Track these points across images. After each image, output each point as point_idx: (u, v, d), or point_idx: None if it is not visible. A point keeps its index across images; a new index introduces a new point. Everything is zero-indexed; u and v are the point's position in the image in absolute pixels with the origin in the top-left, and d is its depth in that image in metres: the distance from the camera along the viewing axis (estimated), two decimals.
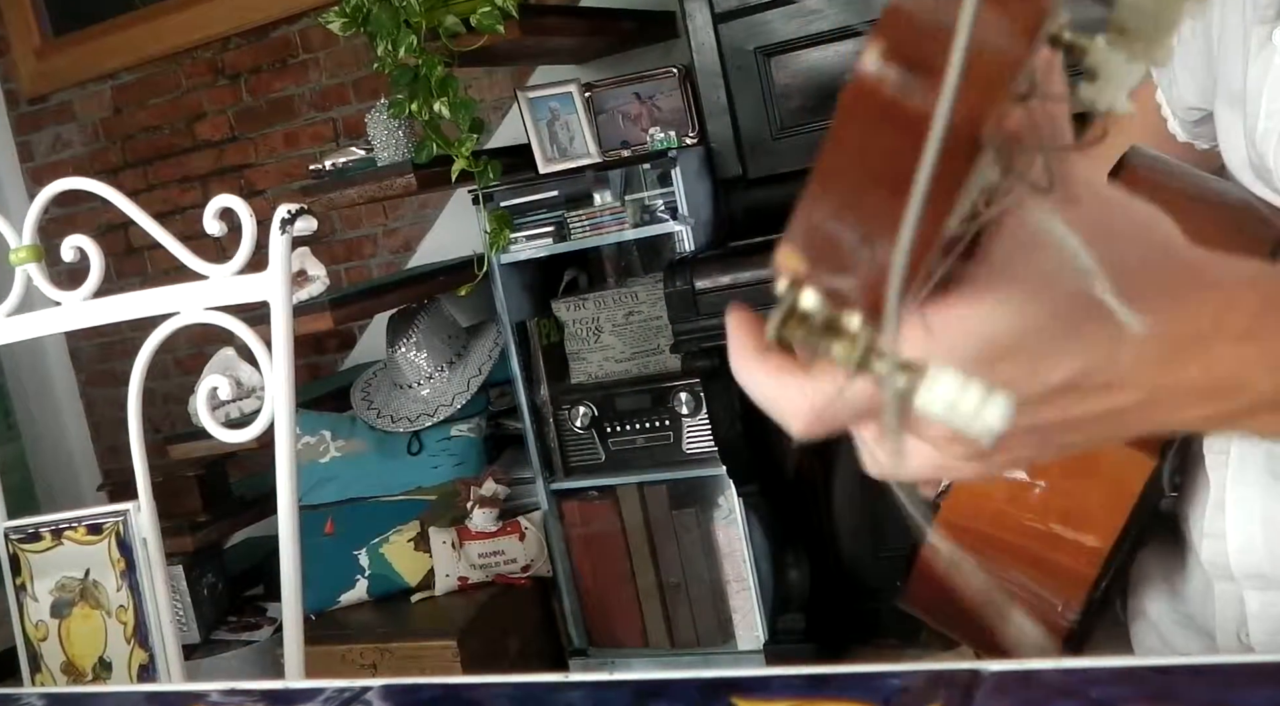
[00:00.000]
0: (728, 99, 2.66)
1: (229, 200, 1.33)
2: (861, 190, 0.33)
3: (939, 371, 0.35)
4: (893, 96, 0.33)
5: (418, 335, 2.85)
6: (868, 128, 0.33)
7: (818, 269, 0.34)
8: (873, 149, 0.33)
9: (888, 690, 0.56)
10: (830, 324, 0.35)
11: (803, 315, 0.35)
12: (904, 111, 0.33)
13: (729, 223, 2.63)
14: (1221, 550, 0.78)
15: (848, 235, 0.34)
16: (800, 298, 0.35)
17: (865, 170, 0.33)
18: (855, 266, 0.34)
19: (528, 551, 2.77)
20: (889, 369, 0.35)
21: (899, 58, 0.33)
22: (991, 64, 0.33)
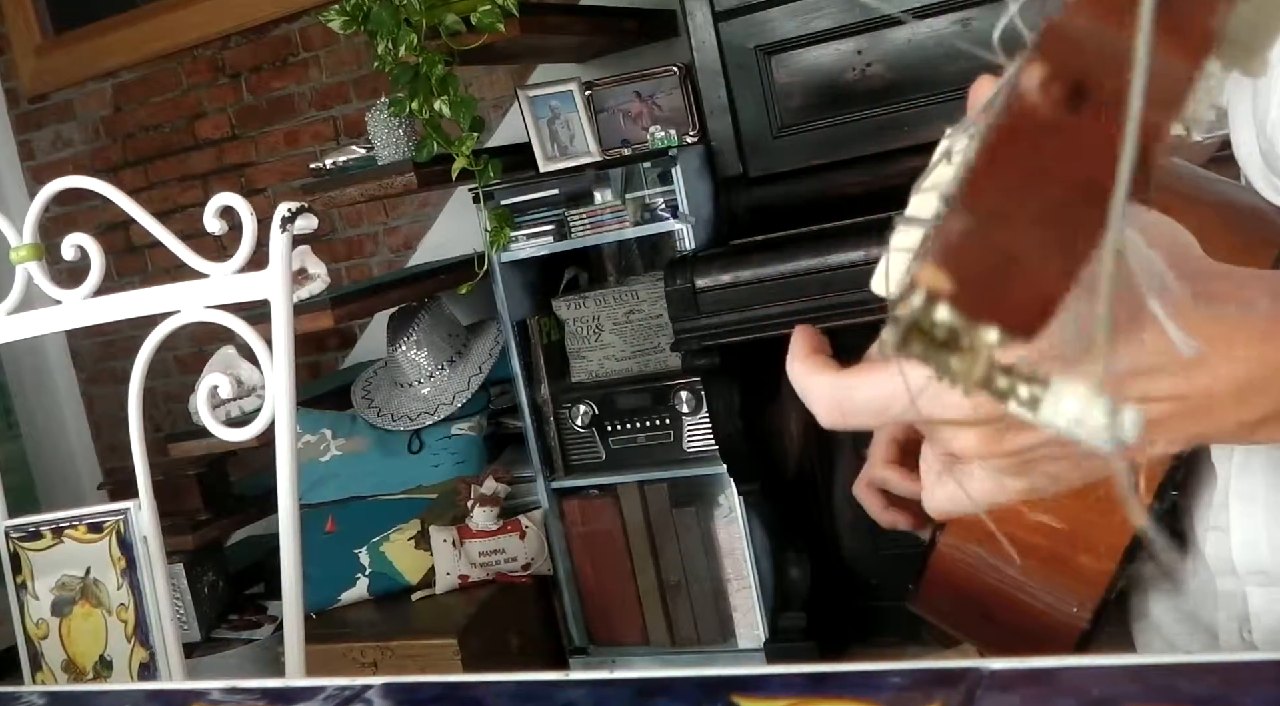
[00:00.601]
0: (728, 97, 2.66)
1: (229, 198, 1.33)
2: (1020, 211, 0.33)
3: (1063, 385, 0.35)
4: (1059, 119, 0.33)
5: (418, 333, 2.85)
6: (1028, 150, 0.33)
7: (966, 286, 0.34)
8: (1033, 172, 0.33)
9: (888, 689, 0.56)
10: (954, 338, 0.35)
11: (926, 330, 0.35)
12: (1071, 134, 0.33)
13: (729, 221, 2.63)
14: (1225, 545, 0.78)
15: (1001, 254, 0.34)
16: (935, 312, 0.35)
17: (1024, 192, 0.33)
18: (1005, 284, 0.34)
19: (528, 550, 2.77)
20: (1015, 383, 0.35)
21: (1064, 79, 0.33)
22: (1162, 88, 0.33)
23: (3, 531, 1.47)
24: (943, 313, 0.34)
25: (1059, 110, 0.33)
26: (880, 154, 2.47)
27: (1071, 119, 0.33)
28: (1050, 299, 0.34)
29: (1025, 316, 0.34)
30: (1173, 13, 0.33)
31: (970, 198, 0.34)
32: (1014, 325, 0.34)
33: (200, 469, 2.88)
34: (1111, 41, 0.33)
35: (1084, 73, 0.33)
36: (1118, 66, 0.32)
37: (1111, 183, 0.33)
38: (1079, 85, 0.33)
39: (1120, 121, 0.32)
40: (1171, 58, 0.33)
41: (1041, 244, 0.34)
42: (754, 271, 2.34)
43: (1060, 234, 0.33)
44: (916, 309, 0.35)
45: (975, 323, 0.34)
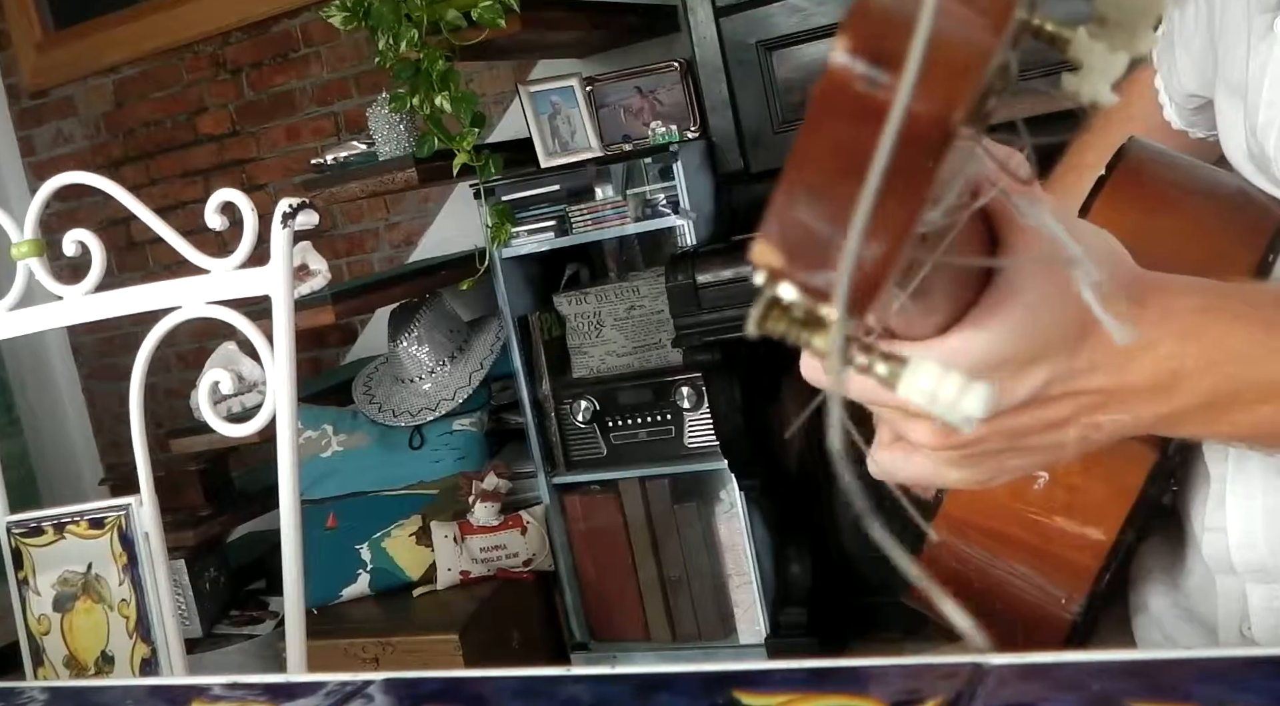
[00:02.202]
0: (729, 93, 2.65)
1: (230, 194, 1.33)
2: (833, 183, 0.33)
3: (920, 362, 0.35)
4: (860, 89, 0.33)
5: (419, 329, 2.85)
6: (837, 121, 0.33)
7: (794, 263, 0.34)
8: (842, 142, 0.33)
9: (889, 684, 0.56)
10: (810, 315, 0.35)
11: (783, 307, 0.35)
12: (872, 104, 0.33)
13: (731, 217, 2.63)
14: (1222, 544, 0.78)
15: (821, 228, 0.34)
16: (778, 290, 0.35)
17: (836, 164, 0.33)
18: (830, 260, 0.34)
19: (529, 545, 2.77)
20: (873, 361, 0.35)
21: (866, 51, 0.33)
22: (959, 56, 0.33)
23: (4, 527, 1.47)
24: (785, 289, 0.35)
25: (862, 82, 0.33)
26: None
27: (874, 90, 0.33)
28: (874, 275, 0.34)
29: (857, 289, 0.34)
30: None
31: (792, 172, 0.34)
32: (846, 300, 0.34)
33: (201, 464, 2.88)
34: (912, 11, 0.33)
35: (884, 44, 0.33)
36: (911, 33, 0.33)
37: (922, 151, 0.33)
38: (879, 56, 0.33)
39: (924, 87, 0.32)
40: (969, 20, 0.33)
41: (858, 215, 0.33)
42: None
43: (880, 207, 0.33)
44: (762, 286, 0.35)
45: (814, 300, 0.34)
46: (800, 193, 0.34)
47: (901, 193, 0.33)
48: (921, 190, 0.33)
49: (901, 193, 0.33)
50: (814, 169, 0.34)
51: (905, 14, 0.33)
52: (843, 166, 0.33)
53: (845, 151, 0.33)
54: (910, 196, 0.33)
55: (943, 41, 0.33)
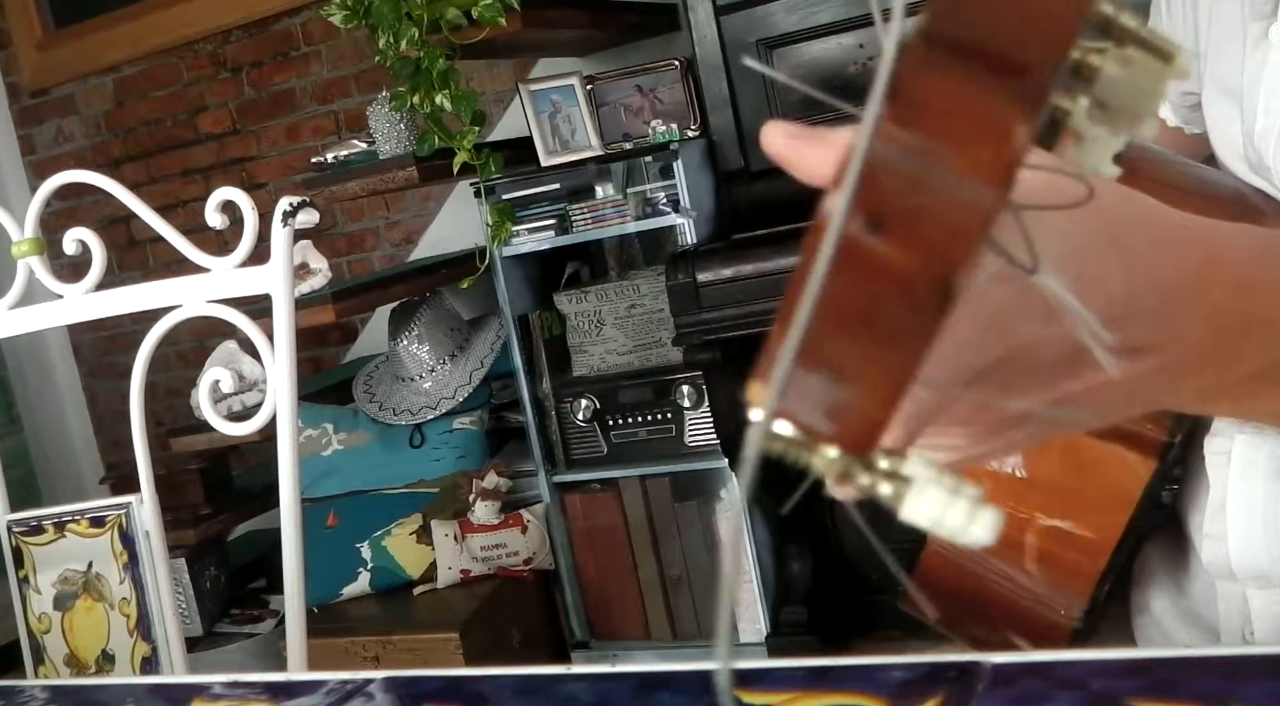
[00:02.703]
0: (730, 91, 2.65)
1: (231, 193, 1.33)
2: (830, 333, 0.34)
3: (925, 486, 0.35)
4: (862, 245, 0.33)
5: (420, 328, 2.85)
6: (835, 271, 0.33)
7: (792, 406, 0.34)
8: (843, 296, 0.33)
9: (890, 682, 0.56)
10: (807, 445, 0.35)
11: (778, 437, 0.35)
12: (874, 260, 0.33)
13: (731, 215, 2.63)
14: (1222, 551, 0.78)
15: (820, 376, 0.34)
16: (774, 425, 0.35)
17: (831, 313, 0.33)
18: (830, 407, 0.34)
19: (530, 544, 2.77)
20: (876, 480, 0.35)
21: (865, 206, 0.33)
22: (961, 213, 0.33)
23: (5, 525, 1.47)
24: (782, 426, 0.34)
25: (862, 235, 0.33)
26: None
27: (874, 243, 0.33)
28: (876, 419, 0.34)
29: (853, 436, 0.34)
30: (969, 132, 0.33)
31: (787, 318, 0.34)
32: (844, 443, 0.34)
33: (202, 463, 2.88)
34: (908, 162, 0.33)
35: (883, 199, 0.33)
36: (917, 191, 0.32)
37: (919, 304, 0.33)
38: (878, 210, 0.33)
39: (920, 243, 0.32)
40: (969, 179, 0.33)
41: (858, 367, 0.33)
42: (755, 265, 2.34)
43: (875, 355, 0.33)
44: (757, 424, 0.35)
45: (812, 440, 0.34)
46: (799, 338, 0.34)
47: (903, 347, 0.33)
48: (921, 346, 0.33)
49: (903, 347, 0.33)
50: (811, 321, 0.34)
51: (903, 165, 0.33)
52: (837, 316, 0.33)
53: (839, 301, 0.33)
54: (912, 353, 0.33)
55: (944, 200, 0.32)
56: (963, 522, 0.34)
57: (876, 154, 0.33)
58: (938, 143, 0.33)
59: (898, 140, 0.33)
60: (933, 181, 0.33)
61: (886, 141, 0.33)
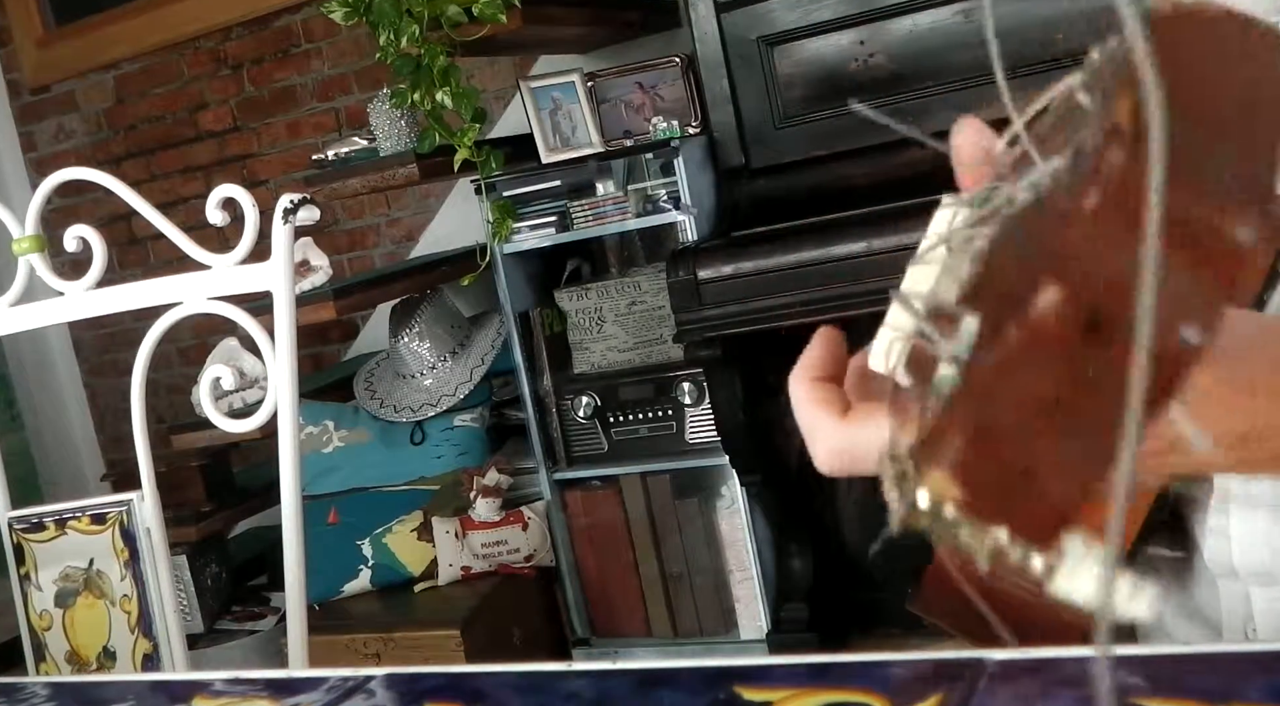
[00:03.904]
0: (730, 88, 2.65)
1: (231, 190, 1.33)
2: (1031, 429, 0.33)
3: (1079, 560, 0.34)
4: (1074, 344, 0.32)
5: (420, 325, 2.85)
6: (1042, 370, 0.33)
7: (975, 497, 0.34)
8: (1047, 392, 0.33)
9: (890, 679, 0.56)
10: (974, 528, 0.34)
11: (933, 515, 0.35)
12: (1088, 359, 0.32)
13: (732, 212, 2.63)
14: (1225, 548, 0.78)
15: (1011, 469, 0.33)
16: (942, 510, 0.34)
17: (1036, 411, 0.33)
18: (1016, 498, 0.34)
19: (531, 541, 2.77)
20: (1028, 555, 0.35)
21: (1082, 306, 0.32)
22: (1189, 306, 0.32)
23: (6, 523, 1.47)
24: (951, 511, 0.34)
25: (1075, 335, 0.32)
26: (882, 145, 2.46)
27: (1089, 345, 0.32)
28: (1065, 514, 0.33)
29: (1039, 527, 0.34)
30: (1189, 225, 0.32)
31: (980, 408, 0.33)
32: (1026, 534, 0.34)
33: (203, 460, 2.88)
34: (1130, 264, 0.31)
35: (1102, 299, 0.32)
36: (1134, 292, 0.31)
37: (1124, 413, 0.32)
38: (1097, 312, 0.32)
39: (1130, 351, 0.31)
40: (1195, 274, 0.32)
41: (1057, 463, 0.33)
42: (756, 263, 2.34)
43: (1077, 454, 0.33)
44: (923, 508, 0.34)
45: (986, 526, 0.34)
46: (988, 432, 0.33)
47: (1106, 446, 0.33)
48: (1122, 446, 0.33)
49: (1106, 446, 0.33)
50: (1005, 413, 0.33)
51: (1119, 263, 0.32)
52: (1044, 415, 0.33)
53: (1047, 401, 0.33)
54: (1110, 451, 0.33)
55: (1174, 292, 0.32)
56: (1125, 600, 0.33)
57: (1090, 252, 0.32)
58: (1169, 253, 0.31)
59: (1112, 238, 0.32)
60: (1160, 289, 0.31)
61: (1098, 238, 0.32)
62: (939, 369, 0.35)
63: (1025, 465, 0.33)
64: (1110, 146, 0.32)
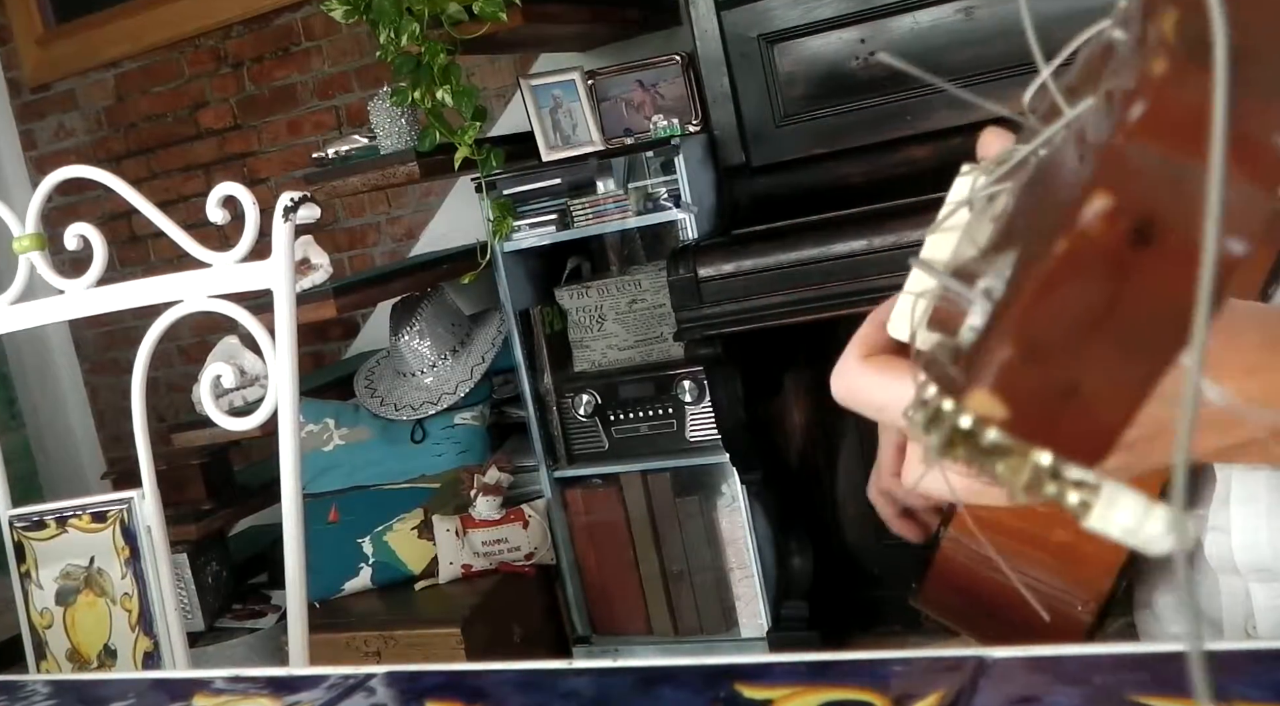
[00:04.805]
0: (731, 86, 2.65)
1: (232, 188, 1.33)
2: (1079, 345, 0.32)
3: (1115, 493, 0.33)
4: (1124, 254, 0.32)
5: (421, 323, 2.85)
6: (1088, 283, 0.32)
7: (1021, 416, 0.33)
8: (1096, 306, 0.32)
9: (891, 677, 0.56)
10: (1004, 450, 0.34)
11: (972, 439, 0.34)
12: (1138, 270, 0.32)
13: (732, 210, 2.63)
14: (1225, 544, 0.78)
15: (1058, 386, 0.33)
16: (984, 432, 0.34)
17: (1084, 325, 0.32)
18: (1063, 416, 0.33)
19: (531, 539, 2.77)
20: (1064, 489, 0.34)
21: (1130, 215, 0.31)
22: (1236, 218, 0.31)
23: (7, 521, 1.47)
24: (993, 434, 0.34)
25: (1124, 246, 0.32)
26: (883, 143, 2.46)
27: (1138, 255, 0.32)
28: (1112, 431, 0.33)
29: (1085, 446, 0.33)
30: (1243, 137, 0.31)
31: (1024, 325, 0.33)
32: (1073, 453, 0.33)
33: (203, 458, 2.88)
34: (1179, 171, 0.31)
35: (1151, 207, 0.31)
36: (1187, 200, 0.31)
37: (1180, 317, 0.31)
38: (1146, 221, 0.31)
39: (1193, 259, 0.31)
40: (1244, 185, 0.31)
41: (1104, 377, 0.33)
42: (756, 261, 2.34)
43: (1124, 368, 0.32)
44: (965, 427, 0.34)
45: (1029, 446, 0.34)
46: (1031, 348, 0.33)
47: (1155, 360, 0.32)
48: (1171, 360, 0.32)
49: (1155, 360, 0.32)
50: (1052, 328, 0.33)
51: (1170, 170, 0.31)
52: (1092, 328, 0.32)
53: (1097, 313, 0.32)
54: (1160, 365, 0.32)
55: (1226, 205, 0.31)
56: (1161, 531, 0.33)
57: (1137, 160, 0.31)
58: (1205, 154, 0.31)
59: (1161, 146, 0.31)
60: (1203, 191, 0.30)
61: (1146, 147, 0.31)
62: (969, 315, 0.35)
63: (1071, 381, 0.33)
64: (1154, 58, 0.31)
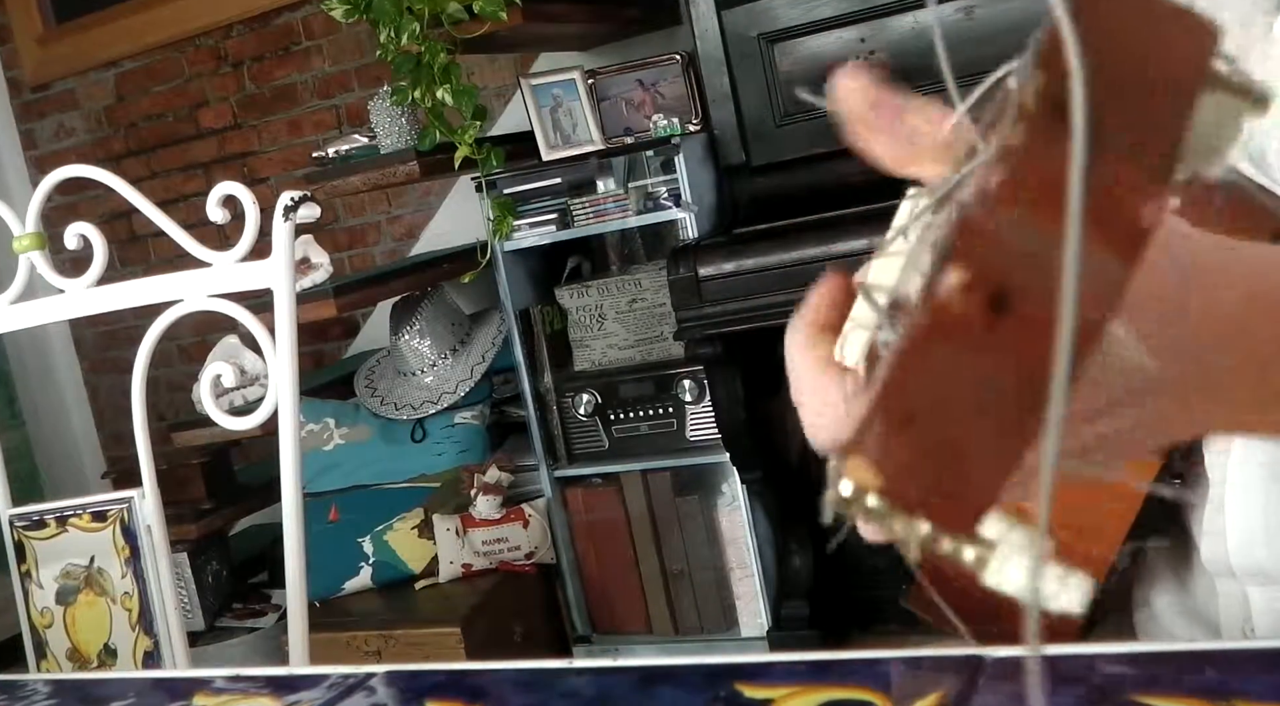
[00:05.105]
0: (731, 86, 2.65)
1: (232, 187, 1.33)
2: (945, 415, 0.33)
3: (1010, 551, 0.34)
4: (981, 325, 0.32)
5: (421, 322, 2.85)
6: (950, 355, 0.32)
7: (893, 485, 0.33)
8: (958, 376, 0.32)
9: (891, 677, 0.56)
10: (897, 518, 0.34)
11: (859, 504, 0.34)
12: (996, 340, 0.32)
13: (732, 209, 2.63)
14: (1221, 548, 0.78)
15: (928, 456, 0.33)
16: (865, 500, 0.34)
17: (949, 396, 0.32)
18: (934, 485, 0.33)
19: (531, 538, 2.77)
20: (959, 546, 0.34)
21: (985, 286, 0.31)
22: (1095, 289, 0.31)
23: (7, 520, 1.47)
24: (873, 501, 0.34)
25: (982, 315, 0.32)
26: None
27: (996, 323, 0.32)
28: (983, 500, 0.33)
29: (958, 515, 0.33)
30: (1101, 204, 0.31)
31: (892, 396, 0.33)
32: (947, 522, 0.33)
33: (204, 458, 2.88)
34: (1034, 240, 0.31)
35: (1006, 277, 0.31)
36: (1044, 269, 0.31)
37: (1040, 385, 0.31)
38: (1001, 291, 0.31)
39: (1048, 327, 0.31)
40: (1102, 253, 0.31)
41: (973, 448, 0.33)
42: (757, 260, 2.34)
43: (990, 437, 0.32)
44: (847, 496, 0.34)
45: (908, 515, 0.34)
46: (902, 420, 0.33)
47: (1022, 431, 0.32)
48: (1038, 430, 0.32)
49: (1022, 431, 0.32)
50: (918, 399, 0.33)
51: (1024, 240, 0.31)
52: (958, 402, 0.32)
53: (961, 387, 0.32)
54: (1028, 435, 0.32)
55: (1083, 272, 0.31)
56: (1055, 588, 0.33)
57: (992, 231, 0.31)
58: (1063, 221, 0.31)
59: (1014, 216, 0.31)
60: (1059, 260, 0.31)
61: (1000, 217, 0.31)
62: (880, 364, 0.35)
63: (942, 450, 0.33)
64: (1015, 127, 0.32)
